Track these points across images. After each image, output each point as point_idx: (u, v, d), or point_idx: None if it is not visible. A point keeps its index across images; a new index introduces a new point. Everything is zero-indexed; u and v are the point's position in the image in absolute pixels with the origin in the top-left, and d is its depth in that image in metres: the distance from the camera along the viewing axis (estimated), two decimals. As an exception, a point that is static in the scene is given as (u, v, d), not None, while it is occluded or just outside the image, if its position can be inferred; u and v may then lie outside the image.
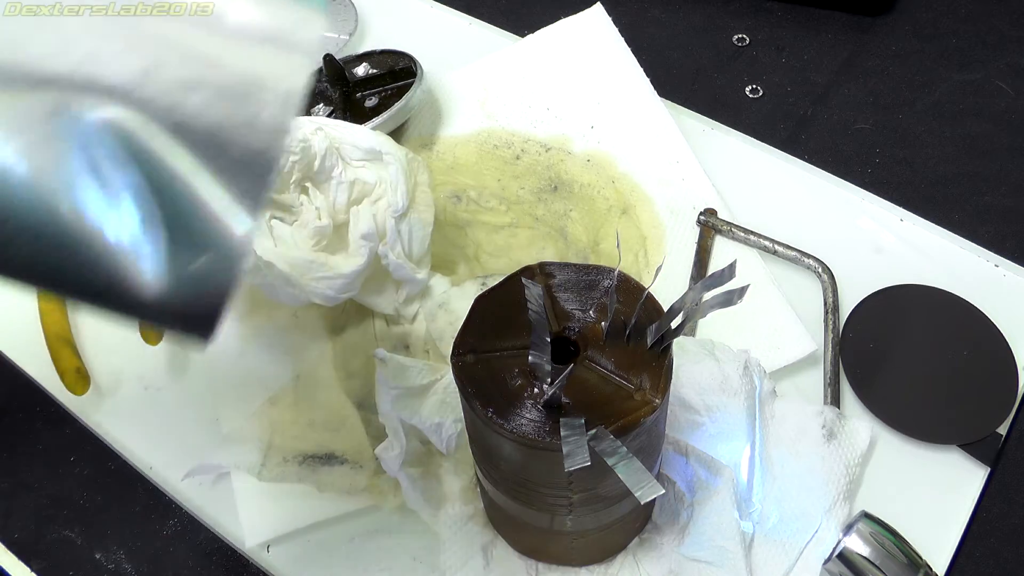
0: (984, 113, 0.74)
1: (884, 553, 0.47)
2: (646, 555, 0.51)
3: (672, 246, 0.65)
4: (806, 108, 0.75)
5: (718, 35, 0.81)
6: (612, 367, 0.40)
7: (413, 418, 0.52)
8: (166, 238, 0.31)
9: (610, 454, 0.36)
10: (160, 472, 0.57)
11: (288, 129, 0.33)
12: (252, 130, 0.32)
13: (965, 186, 0.69)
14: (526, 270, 0.44)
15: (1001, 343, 0.59)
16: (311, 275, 0.56)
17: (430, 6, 0.84)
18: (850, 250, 0.64)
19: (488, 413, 0.39)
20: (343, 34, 0.80)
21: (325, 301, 0.57)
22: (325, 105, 0.71)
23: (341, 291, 0.56)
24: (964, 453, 0.55)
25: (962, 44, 0.79)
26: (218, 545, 0.55)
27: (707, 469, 0.52)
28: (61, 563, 0.54)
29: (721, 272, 0.37)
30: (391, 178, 0.55)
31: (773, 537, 0.51)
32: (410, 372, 0.54)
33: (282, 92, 0.32)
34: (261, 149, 0.32)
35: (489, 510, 0.51)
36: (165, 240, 0.31)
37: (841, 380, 0.58)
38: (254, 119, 0.32)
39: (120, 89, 0.31)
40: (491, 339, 0.42)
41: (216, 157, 0.32)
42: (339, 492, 0.54)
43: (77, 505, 0.57)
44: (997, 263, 0.63)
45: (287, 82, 0.33)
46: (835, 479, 0.52)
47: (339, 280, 0.56)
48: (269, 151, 0.32)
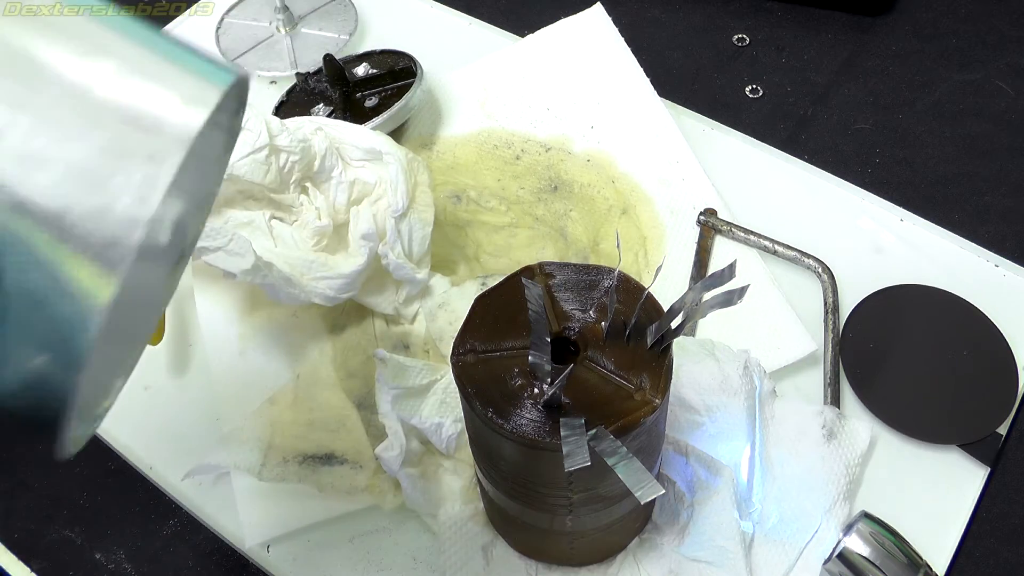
0: (984, 113, 0.74)
1: (884, 553, 0.47)
2: (646, 555, 0.51)
3: (672, 246, 0.65)
4: (806, 108, 0.75)
5: (718, 35, 0.81)
6: (612, 367, 0.40)
7: (413, 418, 0.52)
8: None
9: (610, 454, 0.36)
10: (160, 472, 0.57)
11: (144, 221, 0.28)
12: (102, 220, 0.28)
13: (965, 186, 0.69)
14: (526, 270, 0.44)
15: (1001, 343, 0.59)
16: (311, 275, 0.56)
17: (430, 6, 0.84)
18: (850, 250, 0.64)
19: (488, 413, 0.39)
20: (343, 34, 0.80)
21: (325, 301, 0.57)
22: (325, 105, 0.71)
23: (341, 291, 0.56)
24: (964, 453, 0.55)
25: (962, 44, 0.79)
26: (218, 545, 0.55)
27: (707, 469, 0.52)
28: (61, 563, 0.54)
29: (721, 272, 0.37)
30: (391, 178, 0.55)
31: (773, 537, 0.51)
32: (410, 372, 0.55)
33: (143, 178, 0.28)
34: (110, 241, 0.27)
35: (489, 510, 0.51)
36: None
37: (841, 380, 0.58)
38: (106, 207, 0.28)
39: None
40: (491, 339, 0.42)
41: (60, 244, 0.27)
42: (339, 492, 0.54)
43: (77, 505, 0.57)
44: (997, 263, 0.63)
45: (151, 167, 0.28)
46: (835, 479, 0.52)
47: (339, 280, 0.56)
48: (120, 244, 0.28)
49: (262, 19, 0.82)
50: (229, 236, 0.55)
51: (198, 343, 0.62)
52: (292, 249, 0.56)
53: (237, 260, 0.54)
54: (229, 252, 0.55)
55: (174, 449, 0.57)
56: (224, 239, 0.55)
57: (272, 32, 0.81)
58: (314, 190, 0.57)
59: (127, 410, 0.60)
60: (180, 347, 0.62)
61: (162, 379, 0.61)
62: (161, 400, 0.60)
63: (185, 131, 0.29)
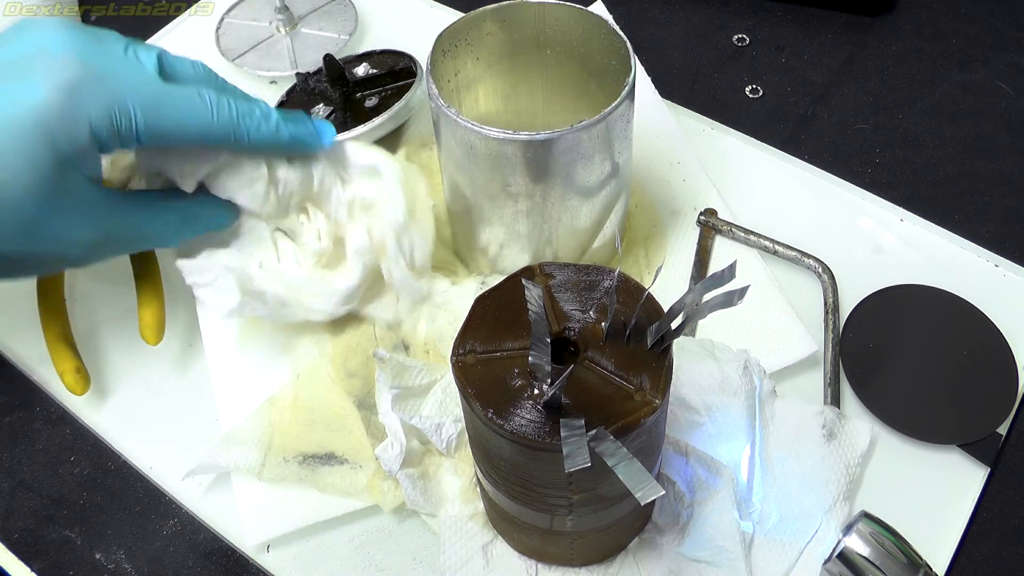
0: (984, 113, 0.74)
1: (884, 553, 0.47)
2: (646, 555, 0.51)
3: (672, 246, 0.65)
4: (806, 108, 0.75)
5: (718, 35, 0.81)
6: (612, 368, 0.40)
7: (413, 418, 0.52)
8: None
9: (610, 455, 0.36)
10: (160, 472, 0.57)
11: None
12: None
13: (965, 186, 0.69)
14: (526, 270, 0.44)
15: (1001, 343, 0.59)
16: (308, 290, 0.56)
17: (430, 6, 0.84)
18: (850, 250, 0.64)
19: (488, 413, 0.39)
20: (343, 34, 0.80)
21: (324, 317, 0.57)
22: (325, 105, 0.71)
23: (339, 306, 0.57)
24: (964, 453, 0.55)
25: (962, 44, 0.79)
26: (218, 545, 0.55)
27: (707, 469, 0.52)
28: (61, 563, 0.54)
29: (721, 273, 0.37)
30: (389, 192, 0.55)
31: (773, 537, 0.51)
32: (410, 372, 0.55)
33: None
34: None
35: (489, 510, 0.51)
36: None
37: (841, 380, 0.58)
38: None
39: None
40: (491, 340, 0.42)
41: None
42: (339, 492, 0.54)
43: (77, 505, 0.57)
44: (997, 263, 0.63)
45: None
46: (835, 479, 0.52)
47: (336, 296, 0.56)
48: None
49: (262, 19, 0.82)
50: (216, 274, 0.54)
51: (198, 343, 0.62)
52: (292, 265, 0.56)
53: (223, 298, 0.54)
54: (217, 289, 0.55)
55: (174, 449, 0.57)
56: (211, 275, 0.54)
57: (272, 32, 0.81)
58: (314, 209, 0.56)
59: (127, 410, 0.60)
60: (180, 347, 0.62)
61: (162, 379, 0.61)
62: (161, 400, 0.60)
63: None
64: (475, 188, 0.56)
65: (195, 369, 0.61)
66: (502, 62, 0.62)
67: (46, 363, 0.59)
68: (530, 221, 0.57)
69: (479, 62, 0.61)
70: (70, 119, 0.46)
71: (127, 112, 0.47)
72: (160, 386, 0.61)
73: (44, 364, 0.60)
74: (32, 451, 0.59)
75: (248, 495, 0.54)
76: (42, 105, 0.45)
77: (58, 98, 0.46)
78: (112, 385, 0.61)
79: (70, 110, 0.46)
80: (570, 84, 0.62)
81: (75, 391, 0.57)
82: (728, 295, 0.37)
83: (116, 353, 0.62)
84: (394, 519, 0.54)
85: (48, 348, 0.59)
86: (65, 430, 0.60)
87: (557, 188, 0.54)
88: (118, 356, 0.62)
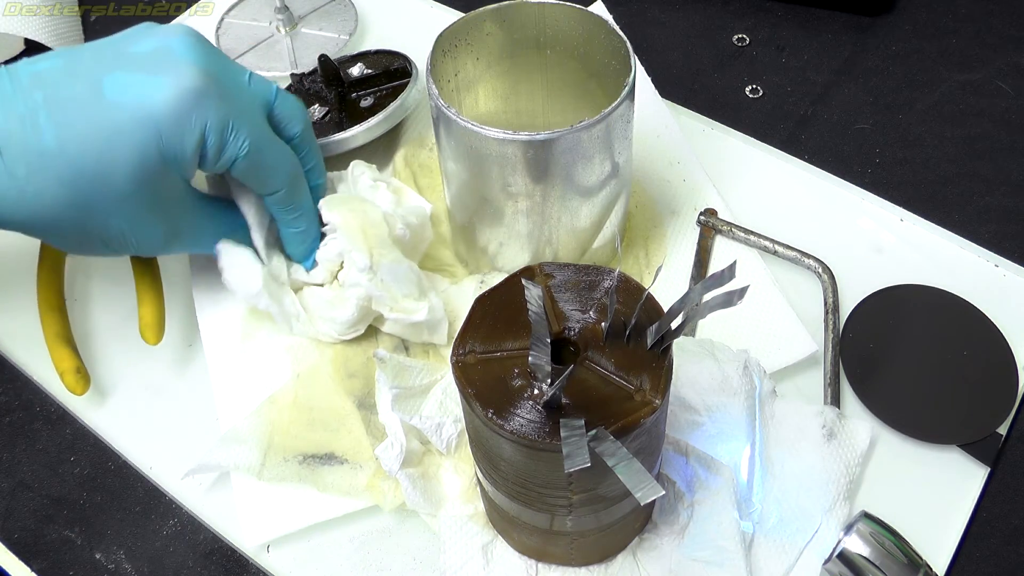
0: (984, 113, 0.74)
1: (884, 553, 0.47)
2: (646, 555, 0.51)
3: (672, 246, 0.65)
4: (806, 108, 0.75)
5: (718, 35, 0.81)
6: (612, 368, 0.40)
7: (413, 418, 0.52)
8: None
9: (610, 455, 0.36)
10: (160, 472, 0.57)
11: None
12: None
13: (965, 186, 0.69)
14: (526, 270, 0.44)
15: (1001, 343, 0.59)
16: (319, 313, 0.59)
17: (430, 6, 0.84)
18: (850, 250, 0.64)
19: (488, 414, 0.39)
20: (343, 34, 0.80)
21: (330, 339, 0.59)
22: (320, 106, 0.71)
23: (343, 334, 0.59)
24: (964, 453, 0.55)
25: (962, 44, 0.79)
26: (218, 545, 0.55)
27: (707, 469, 0.52)
28: (61, 563, 0.54)
29: (721, 273, 0.37)
30: (348, 245, 0.57)
31: (773, 537, 0.51)
32: (410, 372, 0.55)
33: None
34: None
35: (489, 510, 0.51)
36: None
37: (841, 380, 0.58)
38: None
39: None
40: (491, 340, 0.42)
41: None
42: (339, 492, 0.54)
43: (77, 505, 0.57)
44: (997, 263, 0.63)
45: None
46: (835, 479, 0.52)
47: (338, 325, 0.58)
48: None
49: (262, 19, 0.82)
50: (247, 259, 0.58)
51: (198, 343, 0.62)
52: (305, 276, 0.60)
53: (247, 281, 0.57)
54: (244, 271, 0.58)
55: (174, 449, 0.57)
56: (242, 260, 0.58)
57: (272, 32, 0.81)
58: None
59: (127, 410, 0.60)
60: (180, 347, 0.62)
61: (162, 379, 0.61)
62: (161, 400, 0.60)
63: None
64: (475, 188, 0.56)
65: (195, 369, 0.61)
66: (502, 62, 0.62)
67: (46, 363, 0.59)
68: (530, 221, 0.57)
69: (479, 62, 0.61)
70: (185, 126, 0.49)
71: (238, 138, 0.50)
72: (160, 386, 0.61)
73: (44, 364, 0.60)
74: (32, 451, 0.59)
75: (248, 495, 0.54)
76: (165, 102, 0.48)
77: (180, 103, 0.48)
78: (112, 385, 0.61)
79: (188, 117, 0.48)
80: (570, 84, 0.62)
81: (75, 391, 0.57)
82: (728, 295, 0.37)
83: (116, 353, 0.62)
84: (394, 519, 0.54)
85: (48, 348, 0.59)
86: (65, 430, 0.60)
87: (557, 188, 0.54)
88: (118, 356, 0.62)
